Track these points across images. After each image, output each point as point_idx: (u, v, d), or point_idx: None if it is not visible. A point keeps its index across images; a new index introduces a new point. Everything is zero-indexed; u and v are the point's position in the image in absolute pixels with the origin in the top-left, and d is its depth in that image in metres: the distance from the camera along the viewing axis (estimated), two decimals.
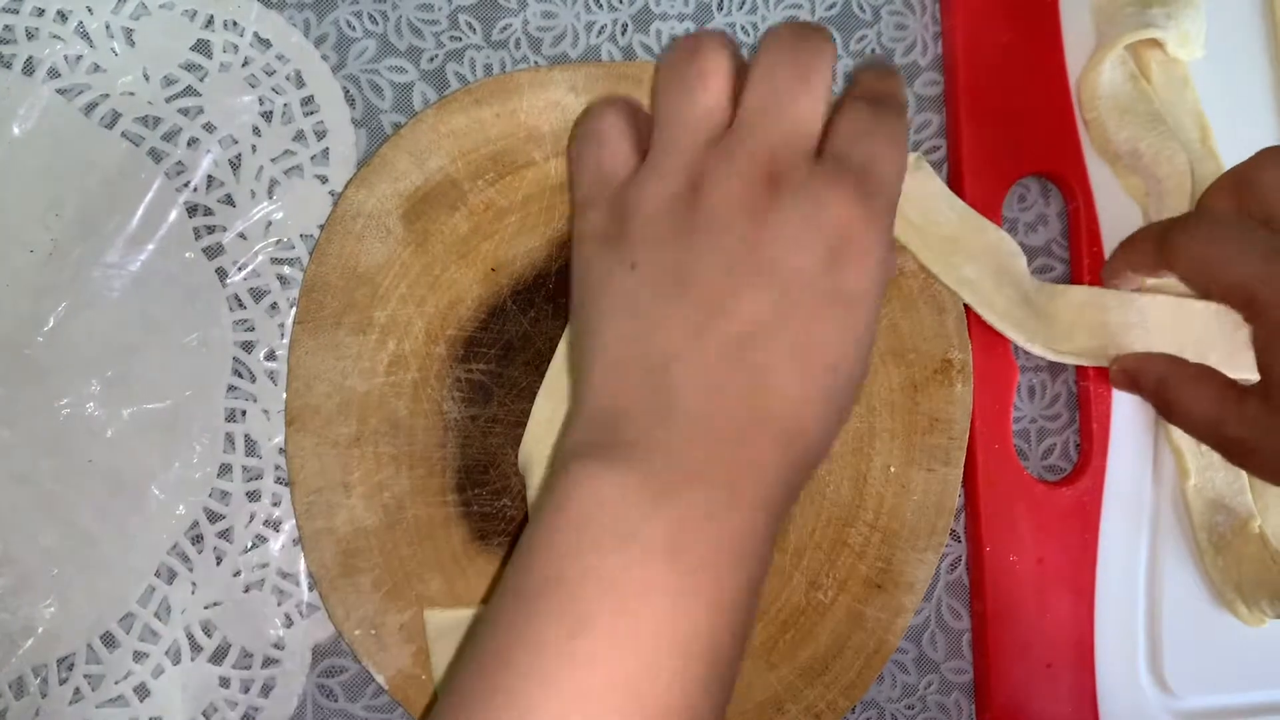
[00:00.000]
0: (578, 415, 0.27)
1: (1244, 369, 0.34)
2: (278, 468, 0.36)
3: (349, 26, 0.37)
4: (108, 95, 0.35)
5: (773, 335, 0.26)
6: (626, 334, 0.27)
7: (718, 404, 0.26)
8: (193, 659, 0.35)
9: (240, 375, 0.36)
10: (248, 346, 0.36)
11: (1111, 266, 0.37)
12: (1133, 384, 0.36)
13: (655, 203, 0.28)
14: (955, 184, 0.38)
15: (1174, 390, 0.34)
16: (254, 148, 0.36)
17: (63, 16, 0.35)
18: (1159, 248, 0.33)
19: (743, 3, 0.38)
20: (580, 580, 0.23)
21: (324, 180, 0.36)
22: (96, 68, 0.35)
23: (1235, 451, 0.33)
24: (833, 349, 0.26)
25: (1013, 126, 0.38)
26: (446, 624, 0.34)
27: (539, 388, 0.34)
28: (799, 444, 0.26)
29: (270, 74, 0.36)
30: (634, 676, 0.22)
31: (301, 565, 0.35)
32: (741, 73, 0.29)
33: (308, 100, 0.36)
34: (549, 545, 0.24)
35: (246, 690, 0.35)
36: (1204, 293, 0.33)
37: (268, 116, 0.36)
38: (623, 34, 0.38)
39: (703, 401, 0.26)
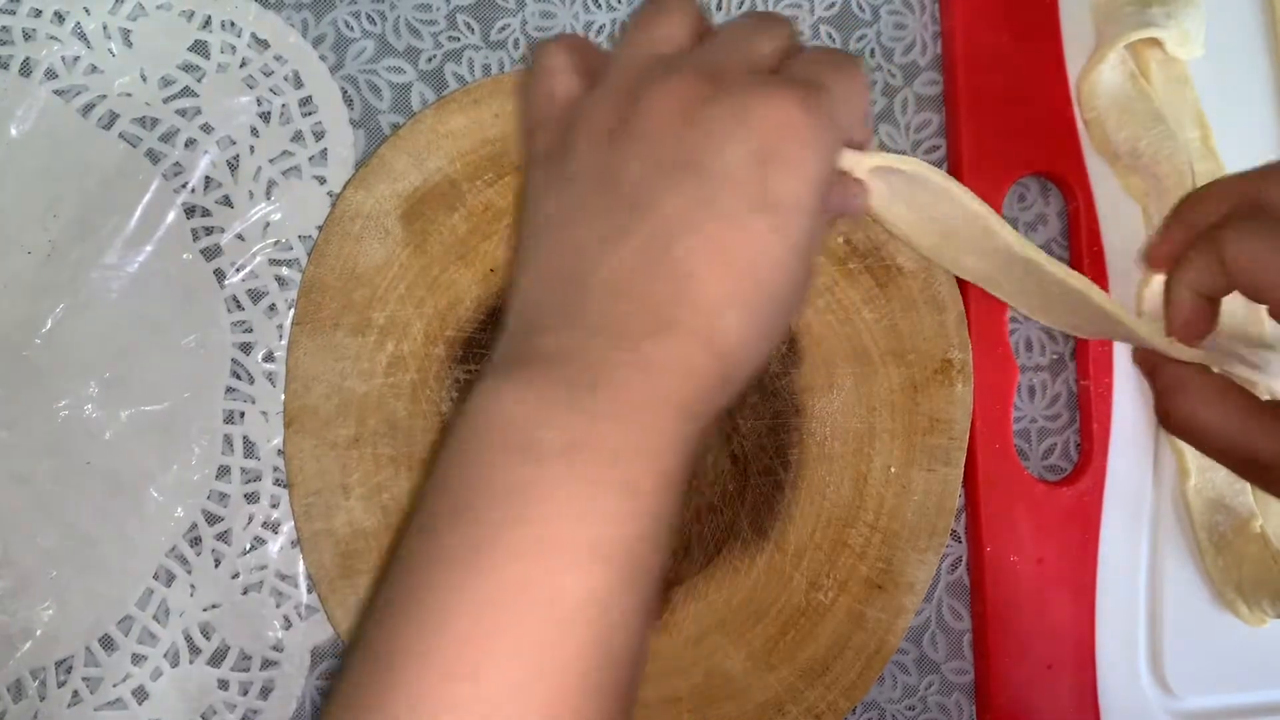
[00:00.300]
0: (500, 338, 0.27)
1: None
2: (276, 469, 0.35)
3: (347, 27, 0.37)
4: (105, 96, 0.35)
5: (694, 233, 0.25)
6: (554, 246, 0.27)
7: (632, 304, 0.25)
8: (191, 661, 0.35)
9: (238, 377, 0.35)
10: (246, 348, 0.36)
11: (1175, 294, 0.32)
12: (1150, 373, 0.33)
13: (598, 114, 0.27)
14: None
15: (1192, 397, 0.32)
16: (252, 149, 0.36)
17: (60, 17, 0.35)
18: (1212, 248, 0.31)
19: (742, 3, 0.38)
20: (479, 495, 0.23)
21: (322, 181, 0.36)
22: (94, 69, 0.35)
23: (1259, 473, 0.31)
24: (758, 256, 0.25)
25: (1012, 126, 0.38)
26: None
27: None
28: (719, 348, 0.25)
29: (268, 75, 0.36)
30: (539, 579, 0.22)
31: (300, 567, 0.35)
32: (705, 35, 0.29)
33: (306, 101, 0.36)
34: (446, 470, 0.24)
35: (245, 693, 0.35)
36: (1254, 296, 0.31)
37: (266, 117, 0.36)
38: (621, 33, 0.37)
39: (616, 302, 0.25)
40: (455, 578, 0.22)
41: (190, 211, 0.35)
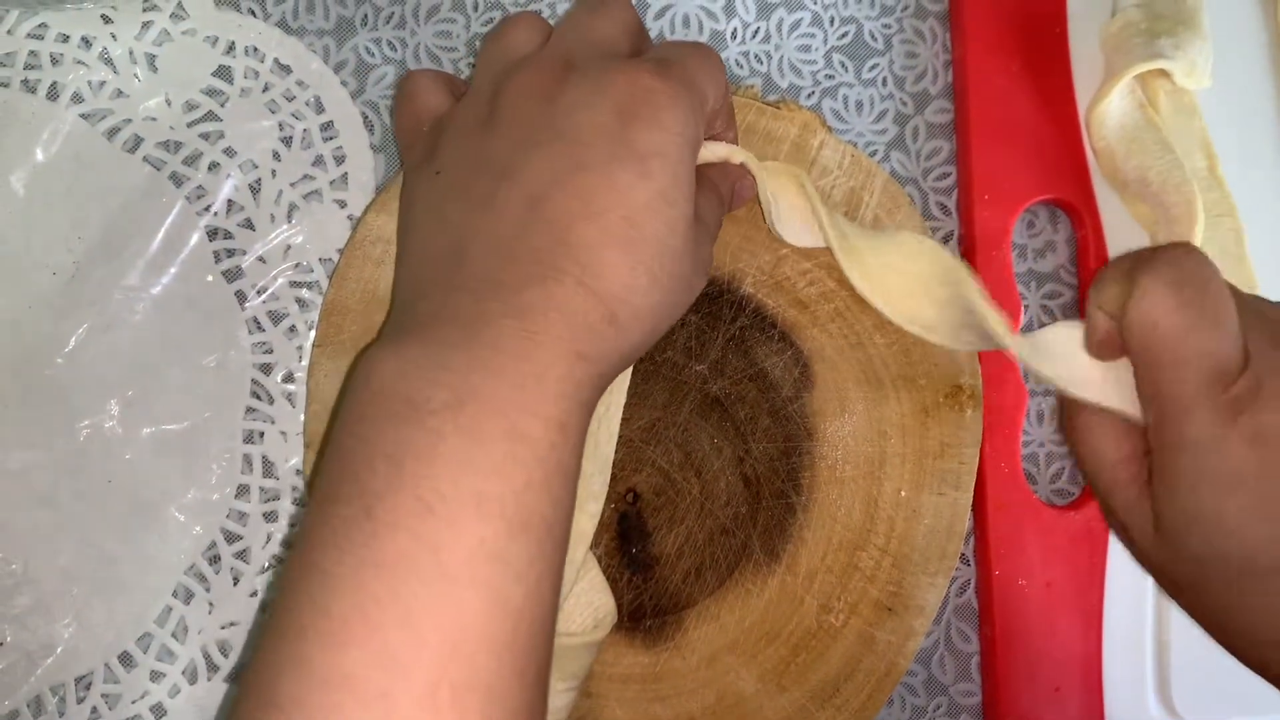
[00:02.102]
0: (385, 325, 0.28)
1: None
2: (295, 489, 0.36)
3: (368, 53, 0.37)
4: (130, 120, 0.36)
5: (562, 188, 0.26)
6: (429, 231, 0.28)
7: (508, 259, 0.26)
8: (209, 679, 0.35)
9: (258, 397, 0.36)
10: (266, 369, 0.36)
11: (1090, 312, 0.30)
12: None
13: (463, 116, 0.29)
14: (965, 211, 0.39)
15: (1082, 428, 0.30)
16: (274, 172, 0.36)
17: (87, 42, 0.36)
18: (1126, 276, 0.27)
19: (755, 32, 0.39)
20: (365, 463, 0.23)
21: (343, 205, 0.37)
22: (120, 93, 0.36)
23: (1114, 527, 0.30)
24: (627, 200, 0.26)
25: (1022, 154, 0.39)
26: None
27: None
28: (600, 289, 0.26)
29: (290, 99, 0.37)
30: (423, 539, 0.22)
31: None
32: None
33: (327, 126, 0.37)
34: (338, 443, 0.24)
35: None
36: (1132, 347, 0.27)
37: (287, 141, 0.37)
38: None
39: (492, 260, 0.26)
40: (345, 552, 0.22)
41: (213, 234, 0.36)
